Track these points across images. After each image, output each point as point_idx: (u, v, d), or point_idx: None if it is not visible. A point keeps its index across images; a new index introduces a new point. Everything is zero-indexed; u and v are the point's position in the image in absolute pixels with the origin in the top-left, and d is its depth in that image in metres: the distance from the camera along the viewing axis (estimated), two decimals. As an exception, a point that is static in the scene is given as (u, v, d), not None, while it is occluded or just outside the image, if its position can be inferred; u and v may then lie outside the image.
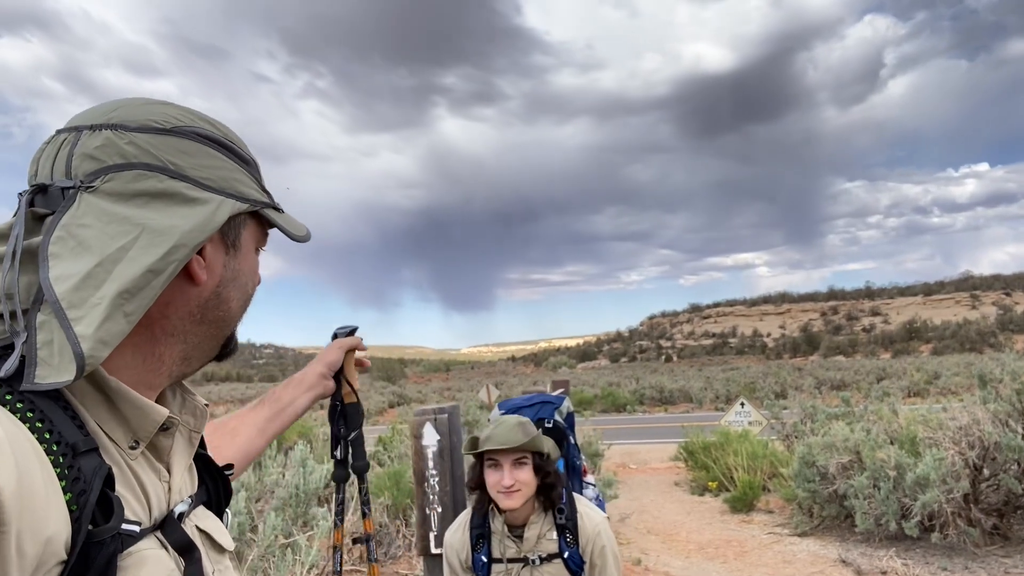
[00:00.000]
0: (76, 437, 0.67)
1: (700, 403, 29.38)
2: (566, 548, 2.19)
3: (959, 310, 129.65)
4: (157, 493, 0.78)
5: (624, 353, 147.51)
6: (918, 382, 27.02)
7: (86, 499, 0.65)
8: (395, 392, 42.62)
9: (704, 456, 10.20)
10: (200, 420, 0.90)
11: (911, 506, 5.92)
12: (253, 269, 0.88)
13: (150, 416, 0.75)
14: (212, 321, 0.83)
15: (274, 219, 0.87)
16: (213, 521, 0.90)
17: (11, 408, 0.65)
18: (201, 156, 0.79)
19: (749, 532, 7.47)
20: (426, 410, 3.16)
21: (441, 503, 3.04)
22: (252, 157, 0.88)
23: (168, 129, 0.77)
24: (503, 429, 2.14)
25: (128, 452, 0.75)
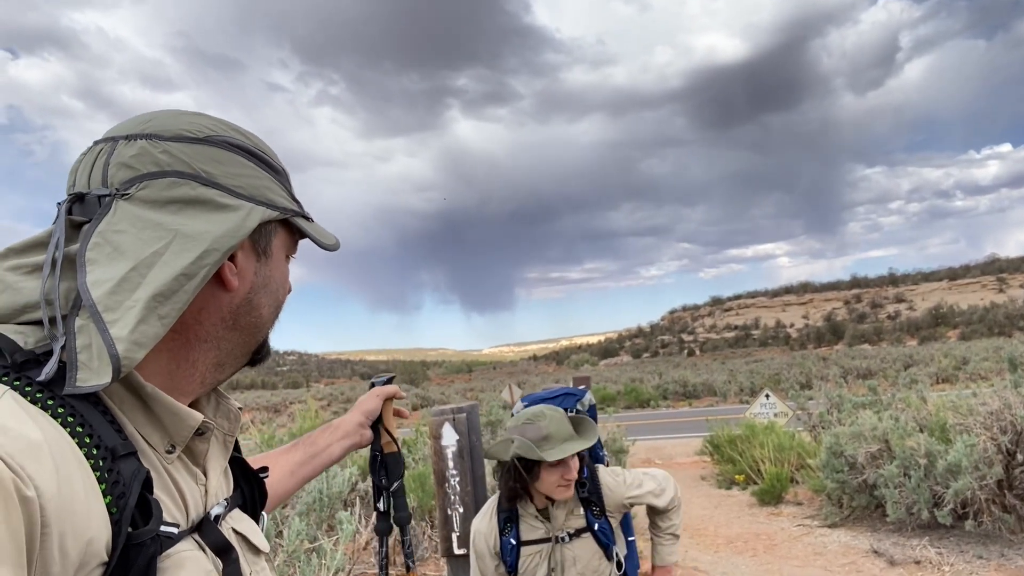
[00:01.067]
0: (115, 441, 0.69)
1: (724, 396, 29.18)
2: (594, 521, 2.20)
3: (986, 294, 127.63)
4: (194, 496, 0.80)
5: (646, 348, 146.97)
6: (946, 368, 26.63)
7: (125, 502, 0.66)
8: (418, 394, 42.76)
9: (730, 449, 10.11)
10: (234, 424, 0.92)
11: (943, 494, 5.81)
12: (284, 277, 0.89)
13: (186, 421, 0.77)
14: (244, 327, 0.84)
15: (304, 228, 0.88)
16: (249, 523, 0.92)
17: (52, 413, 0.66)
18: (232, 165, 0.81)
19: (778, 524, 7.38)
20: (444, 410, 3.14)
21: (462, 503, 3.02)
22: (282, 167, 0.89)
23: (201, 139, 0.80)
24: (556, 425, 2.10)
25: (165, 456, 0.77)
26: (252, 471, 0.99)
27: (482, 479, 3.13)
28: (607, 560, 2.18)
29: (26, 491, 0.59)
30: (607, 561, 2.18)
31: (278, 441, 8.79)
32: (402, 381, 65.31)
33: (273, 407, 34.19)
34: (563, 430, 2.10)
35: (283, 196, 0.86)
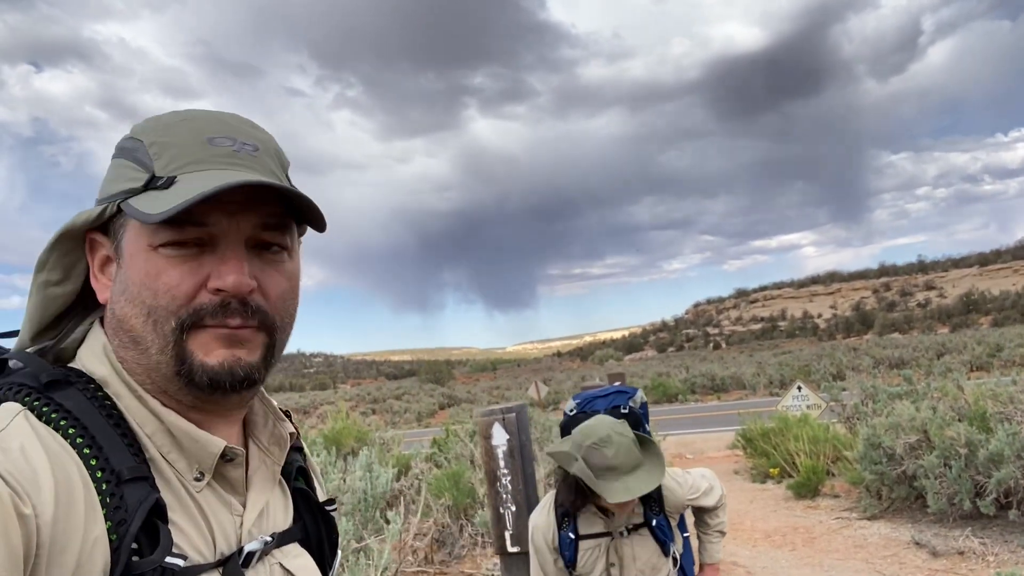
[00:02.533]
0: (123, 464, 0.67)
1: (754, 389, 28.92)
2: (652, 516, 2.21)
3: (1018, 279, 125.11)
4: (224, 528, 0.75)
5: (671, 342, 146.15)
6: (980, 356, 26.19)
7: (126, 528, 0.64)
8: (444, 394, 42.95)
9: (763, 443, 10.03)
10: (283, 450, 0.86)
11: (985, 483, 5.74)
12: (147, 274, 0.71)
13: (206, 448, 0.74)
14: (128, 344, 0.73)
15: (128, 206, 0.71)
16: (303, 560, 0.85)
17: (63, 434, 0.66)
18: (106, 174, 0.78)
19: (816, 518, 7.33)
20: (493, 410, 3.19)
21: (515, 502, 3.06)
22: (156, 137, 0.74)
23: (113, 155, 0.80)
24: (623, 456, 2.02)
25: (193, 484, 0.74)
26: (318, 504, 0.91)
27: (532, 477, 3.16)
28: (664, 556, 2.20)
29: (23, 508, 0.59)
30: (664, 557, 2.20)
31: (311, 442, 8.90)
32: (428, 380, 65.61)
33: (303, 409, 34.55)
34: (629, 461, 2.01)
35: (125, 179, 0.74)
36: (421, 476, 7.83)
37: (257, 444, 0.85)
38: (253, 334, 0.74)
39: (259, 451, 0.85)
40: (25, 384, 0.70)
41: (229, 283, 0.70)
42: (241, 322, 0.73)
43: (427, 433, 16.96)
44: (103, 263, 0.77)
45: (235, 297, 0.72)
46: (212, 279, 0.71)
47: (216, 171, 0.71)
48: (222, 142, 0.74)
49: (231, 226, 0.72)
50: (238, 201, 0.71)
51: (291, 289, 0.79)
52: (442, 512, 6.76)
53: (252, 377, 0.74)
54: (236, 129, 0.76)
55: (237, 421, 0.83)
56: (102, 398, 0.72)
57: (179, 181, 0.70)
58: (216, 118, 0.77)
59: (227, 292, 0.71)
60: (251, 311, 0.73)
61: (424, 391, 47.14)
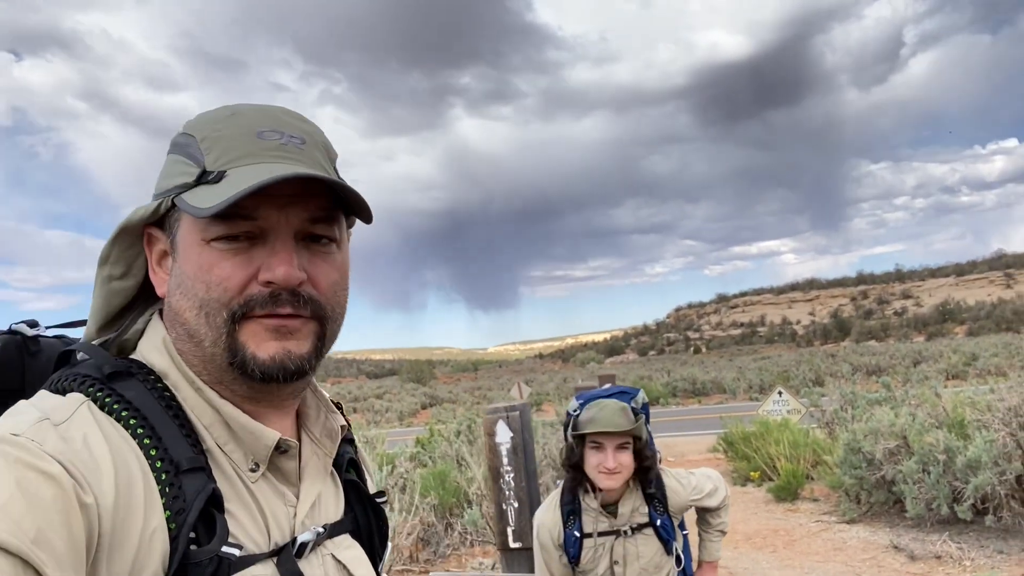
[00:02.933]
0: (182, 455, 0.69)
1: (734, 393, 29.18)
2: (656, 516, 2.26)
3: (993, 289, 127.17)
4: (278, 519, 0.77)
5: (652, 346, 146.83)
6: (956, 364, 26.59)
7: (184, 518, 0.66)
8: (426, 393, 42.88)
9: (744, 446, 10.16)
10: (335, 442, 0.87)
11: (963, 489, 5.86)
12: (200, 268, 0.73)
13: (261, 440, 0.75)
14: (184, 337, 0.75)
15: (182, 201, 0.72)
16: (355, 552, 0.86)
17: (124, 424, 0.69)
18: (162, 169, 0.80)
19: (796, 521, 7.44)
20: (498, 408, 3.23)
21: (517, 499, 3.10)
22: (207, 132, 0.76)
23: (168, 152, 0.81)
24: (607, 412, 2.19)
25: (248, 475, 0.76)
26: (369, 496, 0.93)
27: (534, 475, 3.20)
28: (668, 555, 2.25)
29: (85, 498, 0.60)
30: (667, 556, 2.25)
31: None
32: (409, 380, 65.41)
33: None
34: (610, 421, 2.17)
35: (179, 174, 0.75)
36: (406, 475, 7.85)
37: (309, 436, 0.86)
38: (303, 324, 0.75)
39: (311, 443, 0.86)
40: (89, 375, 0.72)
41: (279, 275, 0.71)
42: (292, 311, 0.74)
43: (409, 432, 16.94)
44: (160, 257, 0.79)
45: (285, 288, 0.72)
46: (263, 271, 0.72)
47: (265, 165, 0.72)
48: (270, 136, 0.75)
49: (281, 219, 0.73)
50: (287, 194, 0.72)
51: (341, 280, 0.80)
52: (428, 511, 6.78)
53: (303, 369, 0.75)
54: (284, 123, 0.77)
55: (290, 412, 0.84)
56: (161, 389, 0.74)
57: (229, 175, 0.71)
58: (264, 112, 0.78)
59: (277, 284, 0.72)
60: (302, 301, 0.74)
61: (406, 390, 47.03)
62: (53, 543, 0.56)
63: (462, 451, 9.07)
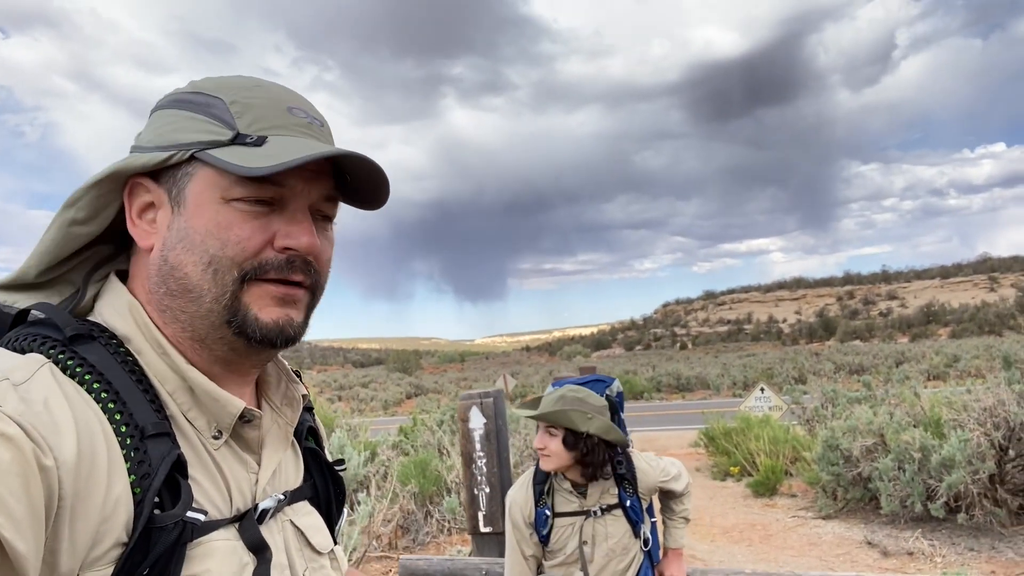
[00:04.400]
0: (147, 420, 0.69)
1: (718, 390, 29.36)
2: (626, 497, 2.30)
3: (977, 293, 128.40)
4: (240, 486, 0.77)
5: (639, 341, 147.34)
6: (938, 365, 26.87)
7: (149, 483, 0.66)
8: (412, 383, 42.89)
9: (725, 441, 10.24)
10: (296, 411, 0.88)
11: (937, 487, 5.94)
12: (219, 224, 0.73)
13: (226, 408, 0.76)
14: (177, 292, 0.74)
15: (214, 158, 0.73)
16: (312, 519, 0.88)
17: (88, 388, 0.68)
18: (156, 123, 0.79)
19: (773, 516, 7.51)
20: (472, 395, 3.26)
21: (489, 484, 3.14)
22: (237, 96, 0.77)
23: (153, 108, 0.82)
24: (547, 399, 2.27)
25: (211, 441, 0.76)
26: (328, 464, 0.94)
27: (507, 461, 3.24)
28: (635, 537, 2.29)
29: (44, 460, 0.59)
30: (635, 538, 2.29)
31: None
32: (395, 369, 65.39)
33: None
34: (545, 406, 2.25)
35: (201, 131, 0.75)
36: (388, 463, 7.86)
37: (270, 404, 0.87)
38: (303, 294, 0.79)
39: (272, 411, 0.87)
40: (50, 336, 0.70)
41: (303, 243, 0.75)
42: (302, 278, 0.77)
43: (394, 422, 16.93)
44: (143, 208, 0.77)
45: (302, 256, 0.76)
46: (281, 238, 0.74)
47: (298, 139, 0.75)
48: (299, 113, 0.78)
49: (304, 191, 0.76)
50: (312, 170, 0.76)
51: (331, 257, 0.84)
52: (408, 499, 6.80)
53: (298, 335, 0.78)
54: (305, 104, 0.81)
55: (252, 380, 0.85)
56: (124, 354, 0.73)
57: (270, 141, 0.73)
58: (284, 90, 0.81)
59: (297, 252, 0.75)
60: (311, 270, 0.78)
61: (391, 380, 47.03)
62: (10, 506, 0.55)
63: (444, 440, 9.09)
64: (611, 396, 2.32)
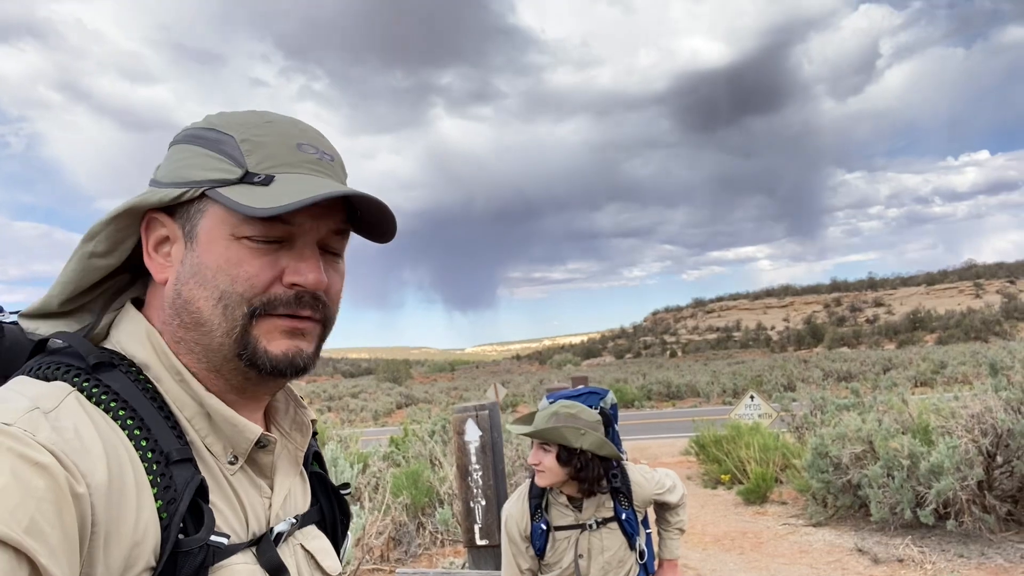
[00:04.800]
0: (171, 446, 0.71)
1: (708, 397, 29.44)
2: (621, 510, 2.31)
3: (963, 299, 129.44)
4: (255, 510, 0.80)
5: (629, 349, 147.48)
6: (924, 372, 27.04)
7: (176, 507, 0.67)
8: (402, 393, 42.72)
9: (716, 449, 10.27)
10: (305, 437, 0.90)
11: (926, 494, 5.99)
12: (227, 261, 0.75)
13: (243, 433, 0.78)
14: (190, 325, 0.76)
15: (222, 196, 0.74)
16: (322, 542, 0.90)
17: (113, 415, 0.70)
18: (171, 159, 0.81)
19: (764, 523, 7.54)
20: (467, 407, 3.26)
21: (485, 496, 3.14)
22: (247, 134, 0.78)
23: (171, 142, 0.83)
24: (540, 415, 2.29)
25: (227, 467, 0.78)
26: (333, 488, 0.97)
27: (503, 473, 3.24)
28: (631, 550, 2.30)
29: (78, 488, 0.61)
30: (631, 551, 2.30)
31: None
32: (385, 379, 65.12)
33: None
34: (539, 422, 2.26)
35: (211, 169, 0.76)
36: (379, 474, 7.83)
37: (279, 429, 0.89)
38: (313, 327, 0.80)
39: (281, 436, 0.89)
40: (73, 364, 0.72)
41: (311, 280, 0.77)
42: (310, 313, 0.79)
43: (384, 432, 16.87)
44: (159, 242, 0.80)
45: (310, 292, 0.78)
46: (290, 274, 0.76)
47: (308, 176, 0.77)
48: (308, 149, 0.80)
49: (312, 228, 0.78)
50: (321, 206, 0.77)
51: (342, 289, 0.86)
52: (400, 511, 6.77)
53: (309, 366, 0.80)
54: (315, 138, 0.82)
55: (263, 407, 0.87)
56: (144, 381, 0.75)
57: (277, 180, 0.75)
58: (295, 125, 0.82)
59: (305, 288, 0.77)
60: (320, 305, 0.80)
61: (381, 390, 46.82)
62: (46, 533, 0.57)
63: (435, 451, 9.07)
64: (605, 409, 2.33)
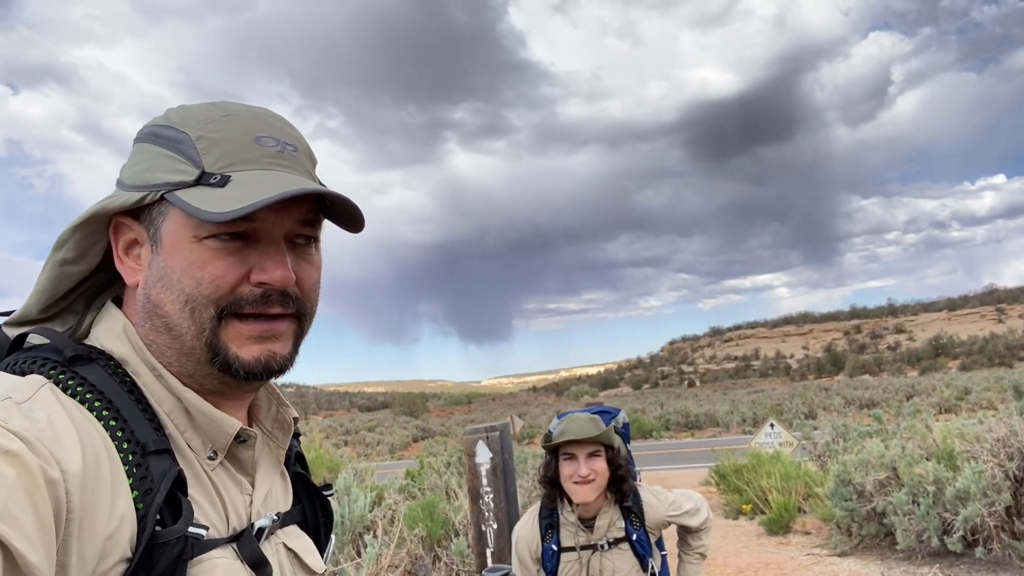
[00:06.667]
0: (148, 437, 0.70)
1: (727, 427, 29.05)
2: (632, 531, 2.28)
3: (985, 324, 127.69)
4: (235, 505, 0.79)
5: (646, 379, 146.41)
6: (948, 398, 26.57)
7: (152, 498, 0.66)
8: (418, 426, 42.56)
9: (736, 479, 10.10)
10: (287, 434, 0.89)
11: (953, 521, 5.84)
12: (191, 264, 0.73)
13: (222, 428, 0.77)
14: (161, 329, 0.76)
15: (179, 200, 0.72)
16: (304, 541, 0.90)
17: (89, 406, 0.69)
18: (134, 158, 0.79)
19: (787, 554, 7.37)
20: (478, 429, 3.23)
21: (496, 519, 3.09)
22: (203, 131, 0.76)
23: (135, 138, 0.82)
24: (577, 424, 2.23)
25: (207, 462, 0.77)
26: (316, 489, 0.96)
27: (514, 496, 3.20)
28: (643, 571, 2.25)
29: (51, 472, 0.59)
30: (643, 572, 2.25)
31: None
32: (402, 412, 64.95)
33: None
34: (578, 430, 2.21)
35: (169, 170, 0.75)
36: (394, 507, 7.77)
37: (261, 428, 0.88)
38: (287, 326, 0.78)
39: (263, 434, 0.88)
40: (49, 358, 0.72)
41: (276, 277, 0.74)
42: (281, 310, 0.77)
43: (400, 465, 16.78)
44: (128, 246, 0.79)
45: (278, 290, 0.76)
46: (256, 273, 0.74)
47: (265, 171, 0.75)
48: (267, 142, 0.77)
49: (276, 223, 0.76)
50: (284, 200, 0.74)
51: (318, 279, 0.83)
52: (416, 543, 6.69)
53: (285, 368, 0.79)
54: (277, 128, 0.80)
55: (246, 404, 0.86)
56: (122, 375, 0.74)
57: (234, 180, 0.73)
58: (256, 115, 0.80)
59: (271, 286, 0.75)
60: (291, 301, 0.77)
61: (398, 423, 46.66)
62: (20, 519, 0.56)
63: (451, 482, 8.99)
64: (617, 427, 2.31)
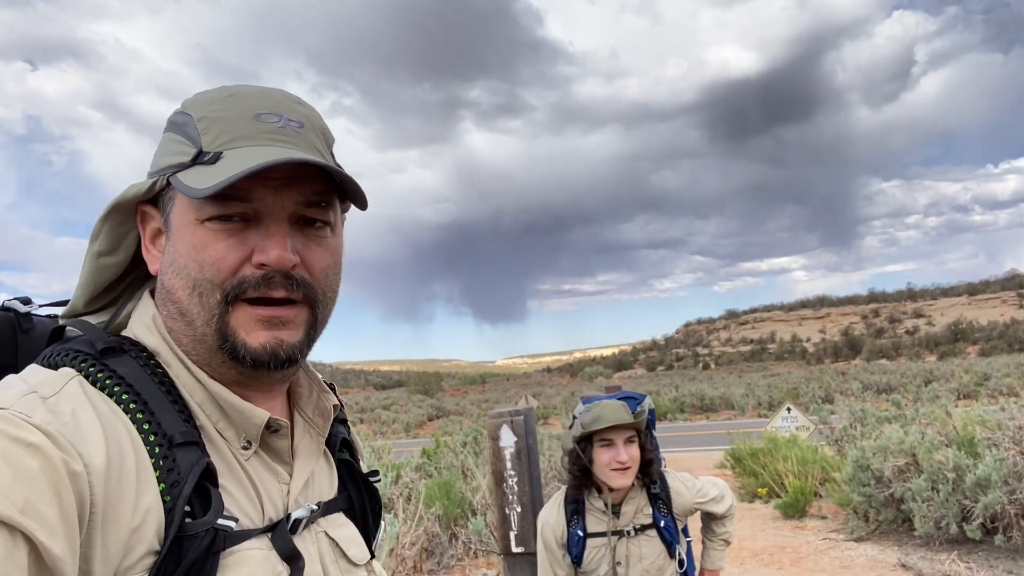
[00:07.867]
0: (176, 429, 0.69)
1: (743, 410, 28.98)
2: (660, 518, 2.27)
3: (1006, 309, 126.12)
4: (271, 496, 0.78)
5: (661, 361, 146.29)
6: (967, 384, 26.32)
7: (179, 490, 0.66)
8: (433, 405, 42.85)
9: (752, 462, 10.09)
10: (327, 421, 0.88)
11: (972, 508, 5.80)
12: (194, 248, 0.73)
13: (250, 419, 0.76)
14: (176, 316, 0.75)
15: (177, 181, 0.72)
16: (347, 530, 0.88)
17: (117, 399, 0.69)
18: (158, 147, 0.79)
19: (803, 538, 7.37)
20: (502, 412, 3.24)
21: (520, 503, 3.11)
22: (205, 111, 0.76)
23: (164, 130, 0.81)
24: (611, 410, 2.21)
25: (241, 452, 0.76)
26: (363, 476, 0.94)
27: (538, 480, 3.21)
28: (671, 557, 2.26)
29: (74, 465, 0.60)
30: (670, 559, 2.26)
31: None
32: (417, 391, 65.41)
33: (290, 416, 34.34)
34: (616, 416, 2.19)
35: (175, 153, 0.75)
36: (411, 485, 7.84)
37: (302, 415, 0.87)
38: (296, 312, 0.76)
39: (304, 422, 0.87)
40: (81, 351, 0.72)
41: (272, 257, 0.72)
42: (285, 294, 0.74)
43: (415, 444, 16.92)
44: (154, 235, 0.79)
45: (278, 271, 0.73)
46: (256, 253, 0.72)
47: (261, 147, 0.72)
48: (268, 118, 0.75)
49: (276, 202, 0.73)
50: (283, 177, 0.72)
51: (334, 264, 0.80)
52: (432, 521, 6.76)
53: (294, 357, 0.76)
54: (282, 105, 0.77)
55: (279, 395, 0.85)
56: (154, 366, 0.74)
57: (225, 157, 0.71)
58: (263, 94, 0.78)
59: (270, 266, 0.72)
60: (296, 284, 0.74)
61: (413, 402, 47.01)
62: (42, 512, 0.56)
63: (467, 462, 9.06)
64: (643, 414, 2.30)
